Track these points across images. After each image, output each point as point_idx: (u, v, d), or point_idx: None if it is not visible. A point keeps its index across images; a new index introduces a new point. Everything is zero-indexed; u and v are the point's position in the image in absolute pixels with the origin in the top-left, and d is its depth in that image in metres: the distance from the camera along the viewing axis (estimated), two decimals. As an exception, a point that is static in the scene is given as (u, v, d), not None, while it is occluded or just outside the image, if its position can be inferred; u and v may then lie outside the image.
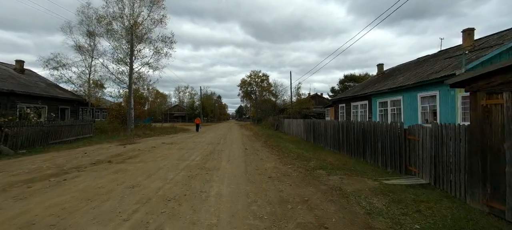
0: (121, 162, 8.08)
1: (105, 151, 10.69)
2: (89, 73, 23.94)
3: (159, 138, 17.55)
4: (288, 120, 23.28)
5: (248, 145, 13.90)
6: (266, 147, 12.94)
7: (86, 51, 23.10)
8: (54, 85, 22.85)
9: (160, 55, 25.15)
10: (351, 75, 34.02)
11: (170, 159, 8.70)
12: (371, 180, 6.14)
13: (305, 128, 17.10)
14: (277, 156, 10.07)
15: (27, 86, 18.43)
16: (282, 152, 11.02)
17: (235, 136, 19.96)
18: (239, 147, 12.52)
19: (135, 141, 15.34)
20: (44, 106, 19.39)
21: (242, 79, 58.91)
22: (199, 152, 10.52)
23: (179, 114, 76.36)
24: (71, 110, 22.46)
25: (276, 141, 15.84)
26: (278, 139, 17.79)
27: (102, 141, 14.95)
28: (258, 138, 18.59)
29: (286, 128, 23.73)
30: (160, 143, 13.79)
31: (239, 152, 10.83)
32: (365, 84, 21.64)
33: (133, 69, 21.64)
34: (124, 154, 9.81)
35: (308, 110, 32.63)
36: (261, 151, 11.29)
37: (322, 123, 13.70)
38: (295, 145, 13.84)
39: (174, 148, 11.82)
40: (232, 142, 15.35)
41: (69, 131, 14.42)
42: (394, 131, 7.24)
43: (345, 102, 21.88)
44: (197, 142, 14.47)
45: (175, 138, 17.43)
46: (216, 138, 18.16)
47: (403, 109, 14.48)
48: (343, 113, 22.42)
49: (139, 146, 12.58)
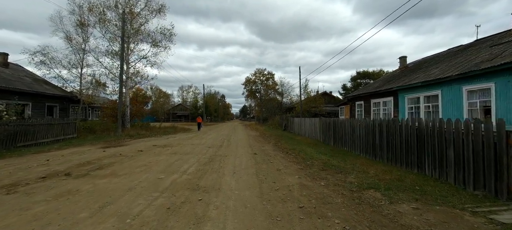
0: (83, 176, 5.68)
1: (76, 156, 8.30)
2: (81, 68, 21.71)
3: (153, 139, 15.19)
4: (299, 119, 20.76)
5: (256, 147, 11.45)
6: (279, 151, 10.47)
7: (77, 44, 20.85)
8: (43, 81, 20.65)
9: (158, 49, 22.92)
10: (364, 71, 31.27)
11: (153, 170, 6.26)
12: (466, 212, 3.66)
13: (323, 128, 14.57)
14: (297, 164, 7.59)
15: (7, 81, 16.22)
16: (301, 158, 8.53)
17: (240, 137, 17.51)
18: (246, 151, 10.07)
19: (123, 142, 12.98)
20: (28, 103, 17.19)
21: (247, 78, 56.48)
22: (195, 158, 8.07)
23: (182, 113, 74.28)
24: (60, 108, 20.23)
25: (289, 143, 13.34)
26: (290, 140, 15.30)
27: (85, 142, 12.62)
28: (266, 139, 16.12)
29: (296, 128, 21.22)
30: (151, 146, 11.39)
31: (247, 158, 8.37)
32: (386, 79, 19.03)
33: (124, 60, 19.31)
34: (96, 161, 7.41)
35: (317, 109, 30.07)
36: (275, 157, 8.82)
37: (346, 122, 11.16)
38: (314, 149, 11.34)
39: (165, 152, 9.40)
40: (237, 144, 12.90)
41: (46, 131, 12.11)
42: (486, 134, 4.71)
43: (363, 99, 19.30)
44: (195, 145, 12.04)
45: (171, 139, 15.04)
46: (219, 139, 15.73)
47: (441, 106, 11.93)
48: (361, 111, 19.84)
49: (124, 149, 10.19)
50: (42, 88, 18.78)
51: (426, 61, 18.01)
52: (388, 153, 7.83)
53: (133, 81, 22.56)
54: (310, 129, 17.22)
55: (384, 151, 8.09)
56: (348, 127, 10.91)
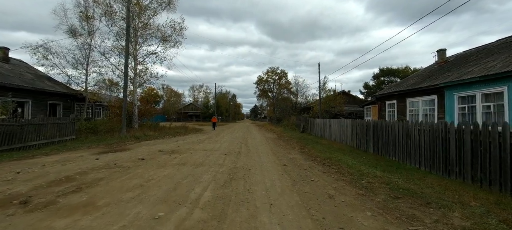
0: (43, 207, 3.68)
1: (57, 168, 6.37)
2: (86, 64, 20.12)
3: (161, 141, 13.26)
4: (321, 120, 18.44)
5: (282, 155, 9.28)
6: (312, 161, 8.27)
7: (82, 38, 19.26)
8: (46, 77, 19.18)
9: (168, 44, 21.08)
10: (388, 69, 28.49)
11: (150, 197, 4.20)
12: None
13: (357, 131, 12.23)
14: (350, 184, 5.40)
15: (3, 76, 14.69)
16: (349, 174, 6.33)
17: (258, 140, 15.38)
18: (272, 162, 7.91)
19: (125, 146, 11.09)
20: (27, 100, 15.66)
21: (259, 77, 54.39)
22: (210, 173, 5.98)
23: (193, 113, 72.95)
24: (64, 106, 18.69)
25: (318, 149, 11.12)
26: (316, 145, 13.05)
27: (81, 146, 10.79)
28: (288, 143, 13.92)
29: (318, 129, 18.90)
30: (156, 151, 9.40)
31: (277, 173, 6.21)
32: (424, 76, 16.46)
33: (128, 53, 17.54)
34: (79, 176, 5.43)
35: (337, 109, 27.60)
36: (312, 171, 6.64)
37: (397, 125, 8.81)
38: (353, 157, 9.08)
39: (171, 162, 7.36)
40: (258, 150, 10.76)
41: (37, 132, 10.36)
42: None
43: (396, 98, 16.79)
44: (209, 151, 9.98)
45: (180, 143, 13.06)
46: (235, 142, 13.65)
47: (508, 106, 9.49)
48: (392, 112, 17.34)
49: (123, 156, 8.23)
50: (44, 85, 17.25)
51: (473, 53, 15.38)
52: (478, 170, 5.49)
53: (141, 79, 20.82)
54: (338, 131, 14.88)
55: (468, 166, 5.75)
56: (399, 132, 8.56)
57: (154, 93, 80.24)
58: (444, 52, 17.40)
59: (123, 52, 19.85)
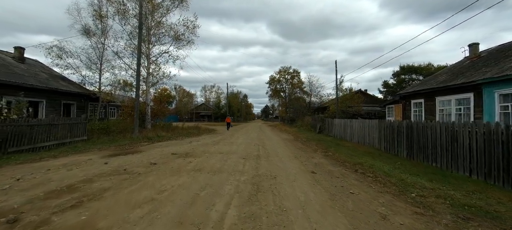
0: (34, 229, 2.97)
1: (62, 173, 5.73)
2: (100, 64, 19.88)
3: (174, 143, 12.62)
4: (341, 121, 17.34)
5: (305, 159, 8.36)
6: (342, 166, 7.31)
7: (94, 35, 18.99)
8: (60, 77, 19.04)
9: (181, 43, 20.52)
10: (409, 66, 26.75)
11: (163, 216, 3.41)
12: None
13: (385, 132, 11.13)
14: (400, 198, 4.45)
15: (17, 75, 14.51)
16: (391, 184, 5.37)
17: (275, 142, 14.50)
18: (297, 168, 7.01)
19: (137, 147, 10.48)
20: (41, 100, 15.44)
21: (271, 76, 53.50)
22: (231, 183, 5.16)
23: (205, 113, 72.82)
24: (78, 106, 18.47)
25: (342, 152, 10.12)
26: (339, 147, 12.03)
27: (92, 147, 10.26)
28: (307, 145, 12.96)
29: (337, 130, 17.80)
30: (169, 154, 8.69)
31: (307, 184, 5.31)
32: (455, 72, 15.07)
33: (141, 51, 17.07)
34: (82, 185, 4.74)
35: (353, 109, 26.30)
36: (346, 180, 5.69)
37: (439, 126, 7.70)
38: (387, 163, 8.05)
39: (186, 167, 6.60)
40: (277, 152, 9.88)
41: (47, 133, 9.89)
42: None
43: (424, 97, 15.49)
44: (225, 154, 9.19)
45: (194, 144, 12.37)
46: (251, 144, 12.83)
47: None
48: (419, 112, 16.04)
49: (133, 160, 7.56)
50: (58, 84, 17.04)
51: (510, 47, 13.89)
52: None
53: (154, 78, 20.36)
54: (361, 132, 13.76)
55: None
56: (442, 134, 7.45)
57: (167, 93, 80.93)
58: (477, 47, 15.92)
59: (136, 51, 19.48)
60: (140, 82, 20.27)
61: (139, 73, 14.52)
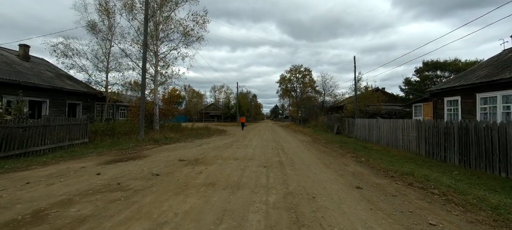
0: None
1: (39, 190, 4.45)
2: (107, 62, 18.91)
3: (182, 146, 11.33)
4: (364, 121, 15.65)
5: (337, 167, 6.84)
6: (388, 178, 5.75)
7: (101, 32, 18.01)
8: (66, 76, 18.16)
9: (190, 39, 19.29)
10: (433, 62, 24.52)
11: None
12: None
13: (426, 134, 9.43)
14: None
15: (20, 74, 13.59)
16: (481, 211, 3.80)
17: (293, 144, 13.00)
18: (333, 180, 5.50)
19: (141, 152, 9.21)
20: (45, 100, 14.51)
21: (282, 75, 51.80)
22: (256, 208, 3.71)
23: (215, 113, 71.88)
24: (84, 106, 17.51)
25: (376, 158, 8.53)
26: (368, 151, 10.44)
27: (91, 152, 9.06)
28: (330, 148, 11.40)
29: (359, 131, 16.13)
30: (176, 161, 7.34)
31: (362, 207, 3.78)
32: (499, 66, 13.15)
33: (150, 49, 15.93)
34: (55, 211, 3.42)
35: (373, 108, 24.44)
36: (408, 200, 4.14)
37: (508, 126, 6.06)
38: (441, 173, 6.43)
39: (195, 181, 5.20)
40: (301, 158, 8.39)
41: (42, 136, 8.75)
42: None
43: (460, 94, 13.63)
44: (241, 160, 7.78)
45: (204, 147, 11.03)
46: (268, 147, 11.38)
47: None
48: (455, 110, 14.16)
49: (133, 169, 6.25)
50: (62, 83, 16.09)
51: None
52: None
53: (163, 77, 19.23)
54: (391, 134, 12.07)
55: None
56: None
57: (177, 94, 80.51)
58: (521, 37, 13.92)
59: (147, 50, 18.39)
60: (148, 80, 19.24)
61: (144, 69, 13.29)
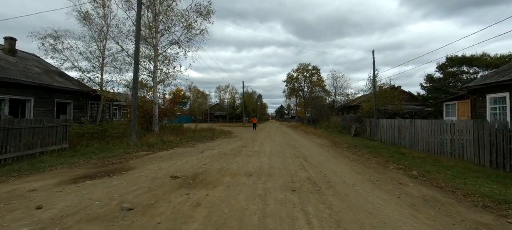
0: None
1: None
2: (102, 57, 17.05)
3: (180, 152, 9.31)
4: (392, 121, 13.41)
5: (389, 186, 4.68)
6: (489, 212, 3.60)
7: (97, 26, 16.16)
8: (57, 72, 16.31)
9: (192, 32, 17.29)
10: (458, 57, 21.98)
11: None
12: None
13: (489, 139, 7.20)
14: None
15: (0, 69, 11.77)
16: None
17: (312, 150, 10.86)
18: (412, 219, 3.40)
19: (127, 161, 7.18)
20: (29, 99, 12.66)
21: (288, 74, 49.62)
22: None
23: (220, 114, 69.95)
24: (75, 105, 15.62)
25: (429, 170, 6.34)
26: (410, 159, 8.24)
27: (65, 161, 7.08)
28: (360, 156, 9.22)
29: (384, 133, 13.89)
30: (167, 177, 5.28)
31: None
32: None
33: (148, 42, 13.98)
34: None
35: (392, 107, 22.15)
36: None
37: None
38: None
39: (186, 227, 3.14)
40: (336, 173, 6.25)
41: (2, 143, 6.82)
42: None
43: (509, 90, 11.33)
44: (256, 177, 5.68)
45: (207, 154, 8.97)
46: (285, 154, 9.27)
47: None
48: (502, 109, 11.83)
49: (98, 195, 4.22)
50: (51, 80, 14.23)
51: None
52: None
53: (163, 73, 17.28)
54: (434, 138, 9.82)
55: None
56: None
57: (182, 94, 78.75)
58: None
59: (143, 43, 16.51)
60: (146, 77, 17.31)
61: (137, 61, 11.16)
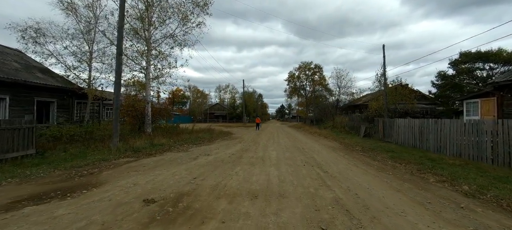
0: None
1: None
2: (90, 53, 15.52)
3: (168, 160, 7.77)
4: (413, 121, 11.85)
5: (451, 214, 3.09)
6: None
7: (82, 16, 14.63)
8: (39, 68, 14.76)
9: (189, 24, 15.73)
10: (474, 53, 20.28)
11: None
12: None
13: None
14: None
15: (-36, 61, 10.22)
16: None
17: (327, 156, 9.29)
18: None
19: (99, 174, 5.63)
20: (4, 97, 11.13)
21: (290, 73, 47.93)
22: None
23: (220, 113, 68.39)
24: (59, 104, 14.08)
25: (489, 185, 4.78)
26: (451, 168, 6.66)
27: (16, 175, 5.55)
28: (383, 161, 7.65)
29: (402, 135, 12.33)
30: (137, 204, 3.76)
31: None
32: None
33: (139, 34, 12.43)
34: None
35: (400, 106, 20.63)
36: None
37: None
38: None
39: None
40: (368, 191, 4.69)
41: None
42: None
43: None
44: (263, 201, 4.14)
45: (201, 163, 7.42)
46: (296, 162, 7.72)
47: None
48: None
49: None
50: (29, 76, 12.70)
51: None
52: None
53: (157, 70, 15.73)
54: (468, 141, 8.24)
55: None
56: None
57: (182, 93, 77.05)
58: None
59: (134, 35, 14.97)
60: (137, 74, 15.77)
61: (121, 51, 9.50)
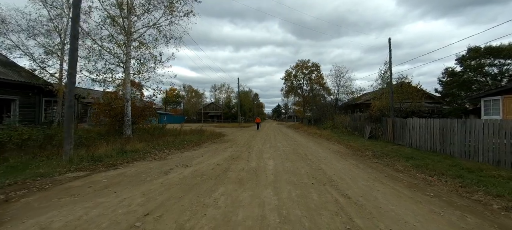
0: None
1: None
2: (62, 44, 13.54)
3: (132, 173, 5.96)
4: (430, 121, 10.20)
5: None
6: None
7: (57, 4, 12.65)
8: (2, 62, 12.81)
9: (175, 13, 13.84)
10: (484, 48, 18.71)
11: None
12: None
13: None
14: None
15: None
16: None
17: (340, 167, 7.55)
18: None
19: (17, 201, 3.84)
20: None
21: (287, 71, 46.24)
22: None
23: (215, 113, 66.34)
24: (23, 102, 12.10)
25: None
26: (497, 182, 4.99)
27: None
28: (409, 174, 5.95)
29: (417, 138, 10.68)
30: None
31: None
32: None
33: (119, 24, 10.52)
34: None
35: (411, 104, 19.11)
36: None
37: None
38: None
39: None
40: None
41: None
42: None
43: None
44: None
45: (172, 179, 5.62)
46: (302, 178, 5.97)
47: None
48: None
49: None
50: (-17, 69, 10.73)
51: None
52: None
53: (137, 63, 13.81)
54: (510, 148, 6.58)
55: None
56: None
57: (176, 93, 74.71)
58: None
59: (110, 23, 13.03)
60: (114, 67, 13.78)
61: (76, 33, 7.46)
